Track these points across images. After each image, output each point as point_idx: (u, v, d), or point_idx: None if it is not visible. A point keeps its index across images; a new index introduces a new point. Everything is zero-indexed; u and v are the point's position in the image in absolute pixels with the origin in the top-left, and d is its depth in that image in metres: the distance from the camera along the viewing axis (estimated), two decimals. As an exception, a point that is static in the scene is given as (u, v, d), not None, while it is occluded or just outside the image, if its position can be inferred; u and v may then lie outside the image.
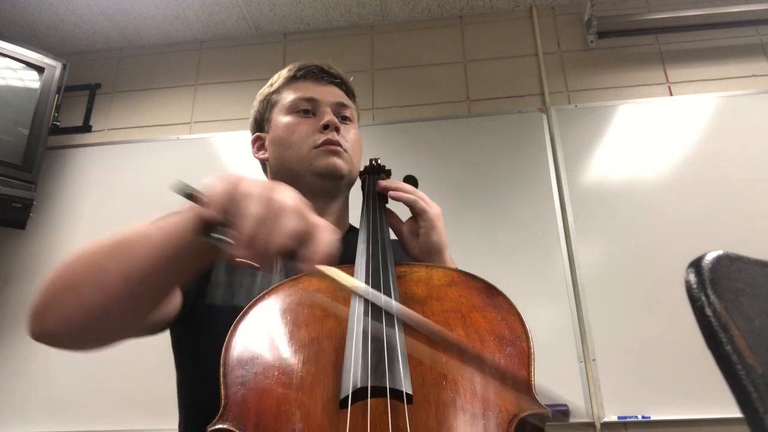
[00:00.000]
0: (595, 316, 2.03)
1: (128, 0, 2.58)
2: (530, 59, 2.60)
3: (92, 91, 2.78)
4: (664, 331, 1.94)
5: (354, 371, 0.51)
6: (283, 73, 1.05)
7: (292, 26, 2.78)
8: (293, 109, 0.98)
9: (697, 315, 0.43)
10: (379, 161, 1.07)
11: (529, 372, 0.55)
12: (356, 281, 0.57)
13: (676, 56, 2.51)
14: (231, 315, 0.65)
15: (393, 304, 0.61)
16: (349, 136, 0.98)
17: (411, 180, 1.02)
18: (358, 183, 1.04)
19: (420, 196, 0.88)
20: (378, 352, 0.53)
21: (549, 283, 2.11)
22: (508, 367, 0.56)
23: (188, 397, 0.83)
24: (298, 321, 0.63)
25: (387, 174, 1.05)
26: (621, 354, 1.96)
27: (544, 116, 2.42)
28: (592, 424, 1.87)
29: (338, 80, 1.05)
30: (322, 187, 0.95)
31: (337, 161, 0.94)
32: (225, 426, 0.50)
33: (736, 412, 0.43)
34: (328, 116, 0.96)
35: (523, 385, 0.53)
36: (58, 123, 2.49)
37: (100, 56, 2.89)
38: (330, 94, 1.01)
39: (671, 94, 2.43)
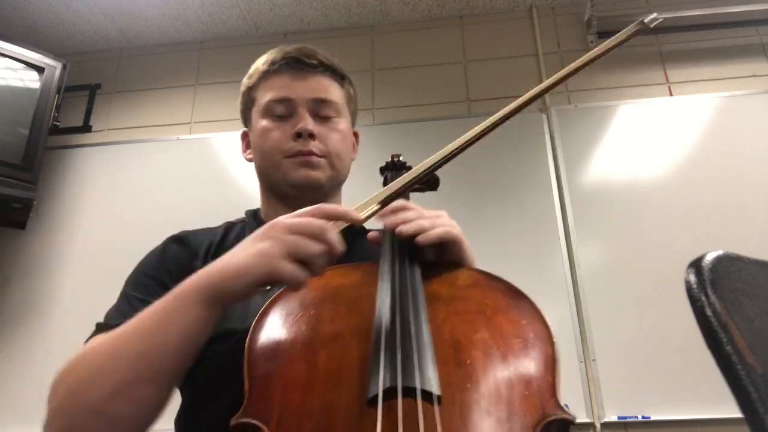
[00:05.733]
0: (595, 316, 2.03)
1: (128, 0, 2.58)
2: (530, 59, 2.60)
3: (92, 91, 2.78)
4: (664, 331, 1.94)
5: (383, 369, 0.49)
6: (259, 66, 0.97)
7: (292, 26, 2.78)
8: (268, 113, 0.92)
9: (697, 315, 0.43)
10: (400, 158, 1.03)
11: (554, 376, 0.54)
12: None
13: (676, 56, 2.51)
14: (223, 337, 0.66)
15: (420, 301, 0.60)
16: (330, 136, 0.92)
17: (432, 180, 0.97)
18: (380, 179, 1.01)
19: (441, 223, 0.74)
20: (406, 350, 0.51)
21: (549, 283, 2.11)
22: (533, 371, 0.54)
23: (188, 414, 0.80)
24: (322, 317, 0.62)
25: (407, 171, 1.01)
26: (621, 354, 1.96)
27: (544, 116, 2.42)
28: (591, 425, 1.87)
29: (320, 68, 0.94)
30: (301, 198, 0.88)
31: (311, 173, 0.88)
32: (248, 420, 0.49)
33: (736, 412, 0.43)
34: (301, 123, 0.89)
35: (548, 390, 0.52)
36: (58, 123, 2.49)
37: (100, 56, 2.89)
38: (308, 89, 0.92)
39: (671, 94, 2.43)
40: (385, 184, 0.97)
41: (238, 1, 2.61)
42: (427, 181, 1.00)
